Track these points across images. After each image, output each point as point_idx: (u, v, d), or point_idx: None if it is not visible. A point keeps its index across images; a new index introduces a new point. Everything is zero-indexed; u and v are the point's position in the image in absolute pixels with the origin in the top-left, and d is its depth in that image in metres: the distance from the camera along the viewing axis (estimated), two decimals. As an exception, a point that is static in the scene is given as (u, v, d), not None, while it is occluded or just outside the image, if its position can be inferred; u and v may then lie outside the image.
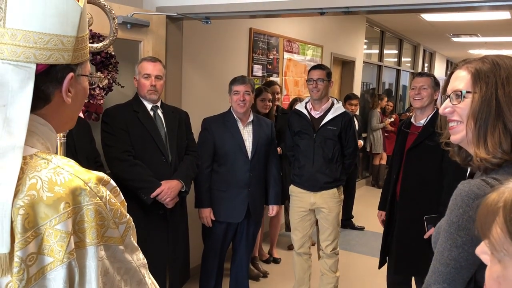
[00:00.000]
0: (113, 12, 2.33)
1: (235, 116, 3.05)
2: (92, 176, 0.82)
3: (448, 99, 1.16)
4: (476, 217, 0.68)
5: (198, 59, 3.71)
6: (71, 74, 0.86)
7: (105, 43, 2.34)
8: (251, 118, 3.11)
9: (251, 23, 4.31)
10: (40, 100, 0.85)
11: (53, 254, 0.76)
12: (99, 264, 0.79)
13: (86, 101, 1.00)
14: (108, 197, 0.82)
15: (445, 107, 1.16)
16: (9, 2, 0.81)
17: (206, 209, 3.01)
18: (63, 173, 0.80)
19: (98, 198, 0.80)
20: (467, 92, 1.11)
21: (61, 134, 1.64)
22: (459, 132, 1.13)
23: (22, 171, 0.79)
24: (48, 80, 0.84)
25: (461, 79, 1.13)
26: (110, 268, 0.82)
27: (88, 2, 2.18)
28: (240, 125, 3.06)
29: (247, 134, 3.08)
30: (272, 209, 3.27)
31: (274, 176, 3.24)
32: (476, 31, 7.96)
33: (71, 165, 0.83)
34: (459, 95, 1.12)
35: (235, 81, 3.03)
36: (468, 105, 1.10)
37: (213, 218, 3.02)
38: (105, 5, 2.26)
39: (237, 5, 2.84)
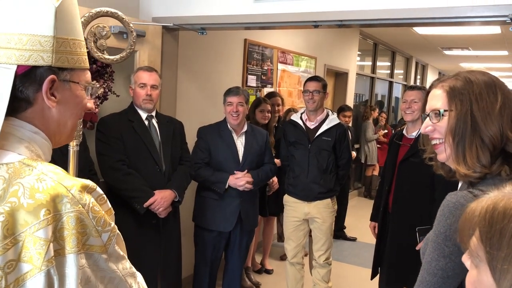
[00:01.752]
0: (131, 25, 2.35)
1: (229, 127, 3.07)
2: (76, 183, 0.81)
3: (428, 118, 1.19)
4: (458, 225, 0.72)
5: (193, 69, 3.73)
6: (51, 76, 0.85)
7: (121, 55, 2.36)
8: (245, 128, 3.13)
9: (246, 34, 4.35)
10: (21, 102, 0.85)
11: (32, 262, 0.74)
12: (79, 272, 0.77)
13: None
14: (91, 205, 0.80)
15: (426, 126, 1.19)
16: None
17: (230, 179, 2.98)
18: (46, 179, 0.79)
19: (80, 205, 0.79)
20: (445, 110, 1.14)
21: (74, 143, 1.63)
22: (443, 152, 1.16)
23: (7, 178, 0.79)
24: (27, 82, 0.84)
25: (438, 98, 1.16)
26: (92, 277, 0.80)
27: (107, 16, 2.21)
28: (234, 135, 3.08)
29: (240, 144, 3.10)
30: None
31: (264, 167, 3.20)
32: (468, 45, 8.07)
33: (56, 172, 0.82)
34: (438, 114, 1.15)
35: (229, 92, 3.06)
36: (446, 122, 1.13)
37: (238, 178, 2.98)
38: (123, 18, 2.28)
39: (232, 17, 2.87)
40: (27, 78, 0.84)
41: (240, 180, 2.98)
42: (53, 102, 0.87)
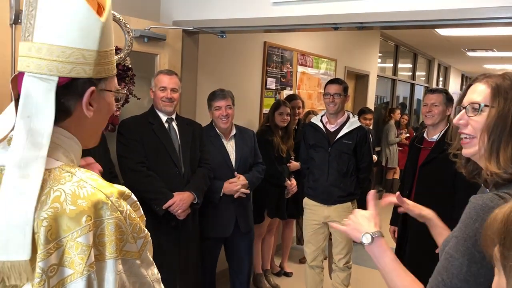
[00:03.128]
0: (128, 26, 2.38)
1: (218, 131, 3.04)
2: (114, 190, 0.83)
3: (464, 110, 1.16)
4: (482, 230, 0.71)
5: (213, 72, 3.75)
6: (92, 88, 0.87)
7: (119, 56, 2.39)
8: (233, 132, 3.10)
9: (266, 37, 4.35)
10: (61, 112, 0.86)
11: (73, 266, 0.77)
12: (117, 277, 0.80)
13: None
14: (128, 212, 0.83)
15: (459, 118, 1.16)
16: (37, 18, 0.84)
17: (224, 186, 2.96)
18: (86, 186, 0.81)
19: (119, 212, 0.81)
20: (485, 105, 1.11)
21: None
22: (472, 147, 1.13)
23: (47, 184, 0.80)
24: (69, 93, 0.86)
25: (480, 93, 1.13)
26: (127, 282, 0.82)
27: None
28: (223, 140, 3.05)
29: (231, 148, 3.07)
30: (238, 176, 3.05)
31: (256, 169, 3.16)
32: (492, 46, 7.91)
33: (94, 178, 0.84)
34: (477, 108, 1.12)
35: (214, 96, 3.00)
36: (484, 119, 1.10)
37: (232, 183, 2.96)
38: (120, 19, 2.31)
39: (252, 20, 2.87)
40: (68, 90, 0.86)
41: (235, 185, 2.96)
42: (91, 112, 0.89)
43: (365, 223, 1.28)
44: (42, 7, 0.84)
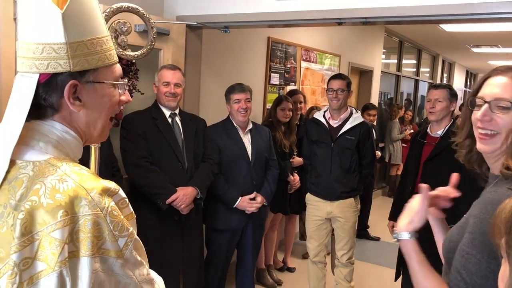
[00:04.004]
0: (152, 21, 2.38)
1: (235, 125, 3.06)
2: (97, 185, 0.81)
3: (487, 105, 1.09)
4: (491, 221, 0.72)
5: (216, 67, 3.75)
6: (71, 82, 0.86)
7: (142, 51, 2.39)
8: (250, 126, 3.12)
9: (269, 32, 4.34)
10: (47, 109, 0.86)
11: (46, 261, 0.75)
12: (92, 276, 0.77)
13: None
14: (110, 209, 0.80)
15: (484, 114, 1.08)
16: (18, 18, 0.87)
17: (241, 200, 2.98)
18: (68, 180, 0.79)
19: (98, 208, 0.79)
20: None
21: None
22: (494, 144, 1.08)
23: (31, 176, 0.80)
24: (50, 89, 0.85)
25: (505, 88, 1.07)
26: (106, 281, 0.80)
27: (127, 11, 2.23)
28: (241, 133, 3.07)
29: (248, 142, 3.08)
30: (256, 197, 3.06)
31: (272, 174, 3.20)
32: (497, 42, 7.87)
33: (79, 173, 0.82)
34: (506, 107, 1.06)
35: (233, 89, 3.02)
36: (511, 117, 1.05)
37: (249, 201, 2.99)
38: (144, 14, 2.30)
39: (255, 15, 2.87)
40: (49, 86, 0.85)
41: (250, 205, 2.97)
42: (78, 107, 0.88)
43: (408, 217, 1.20)
44: (20, 7, 0.86)
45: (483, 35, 7.10)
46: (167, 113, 2.73)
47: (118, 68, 0.95)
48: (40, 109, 0.86)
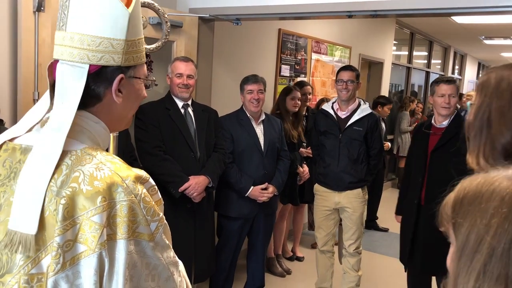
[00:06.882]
0: (166, 16, 2.43)
1: (248, 115, 3.12)
2: (131, 173, 0.87)
3: None
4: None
5: (228, 59, 3.80)
6: (121, 75, 0.93)
7: (157, 44, 2.45)
8: (262, 117, 3.18)
9: (280, 24, 4.37)
10: (92, 98, 0.93)
11: (87, 243, 0.81)
12: (127, 257, 0.84)
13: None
14: (143, 195, 0.87)
15: None
16: (71, 9, 0.90)
17: (253, 189, 3.04)
18: (104, 169, 0.86)
19: (133, 195, 0.85)
20: None
21: None
22: None
23: (69, 165, 0.86)
24: (99, 80, 0.92)
25: None
26: (139, 262, 0.86)
27: (143, 6, 2.29)
28: (253, 123, 3.13)
29: (260, 132, 3.14)
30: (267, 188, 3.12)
31: (284, 164, 3.27)
32: (510, 34, 7.80)
33: (113, 161, 0.89)
34: None
35: (247, 80, 3.09)
36: None
37: (261, 191, 3.06)
38: (159, 9, 2.36)
39: (267, 7, 2.91)
40: (98, 77, 0.92)
41: (261, 195, 3.05)
42: (120, 98, 0.95)
43: None
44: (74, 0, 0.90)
45: (495, 27, 7.05)
46: (180, 104, 2.80)
47: (145, 67, 1.04)
48: (85, 98, 0.91)
